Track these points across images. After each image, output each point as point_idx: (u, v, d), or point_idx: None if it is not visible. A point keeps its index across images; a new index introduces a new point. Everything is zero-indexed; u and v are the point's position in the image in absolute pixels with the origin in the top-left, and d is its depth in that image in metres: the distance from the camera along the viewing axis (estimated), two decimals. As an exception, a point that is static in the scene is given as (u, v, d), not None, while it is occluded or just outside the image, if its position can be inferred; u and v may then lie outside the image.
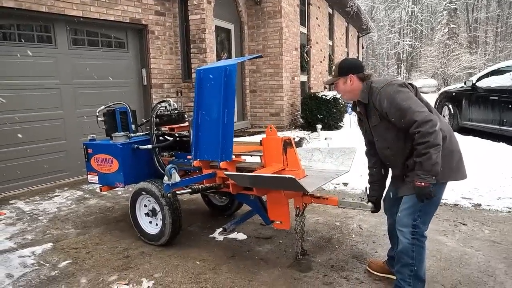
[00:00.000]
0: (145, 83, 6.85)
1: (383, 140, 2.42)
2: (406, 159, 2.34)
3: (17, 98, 5.12)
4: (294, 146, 3.01)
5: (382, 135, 2.41)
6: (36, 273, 2.98)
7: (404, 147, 2.31)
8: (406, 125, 2.18)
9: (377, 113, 2.35)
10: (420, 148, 2.12)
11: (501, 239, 3.38)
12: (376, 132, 2.45)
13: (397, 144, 2.34)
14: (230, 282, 2.78)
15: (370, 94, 2.37)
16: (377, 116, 2.36)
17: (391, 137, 2.35)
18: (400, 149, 2.34)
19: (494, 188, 4.58)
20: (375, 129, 2.44)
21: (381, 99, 2.27)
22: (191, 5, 6.89)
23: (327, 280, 2.77)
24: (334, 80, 2.52)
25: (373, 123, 2.42)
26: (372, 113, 2.40)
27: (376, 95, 2.30)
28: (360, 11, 15.53)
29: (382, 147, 2.46)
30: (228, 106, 3.05)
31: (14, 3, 4.84)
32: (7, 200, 4.84)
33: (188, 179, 3.13)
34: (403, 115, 2.18)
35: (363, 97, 2.41)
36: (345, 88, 2.48)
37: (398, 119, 2.21)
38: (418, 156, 2.15)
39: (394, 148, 2.37)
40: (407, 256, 2.33)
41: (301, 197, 2.95)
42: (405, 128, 2.20)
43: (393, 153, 2.40)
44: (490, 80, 7.42)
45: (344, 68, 2.47)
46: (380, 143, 2.47)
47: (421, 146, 2.12)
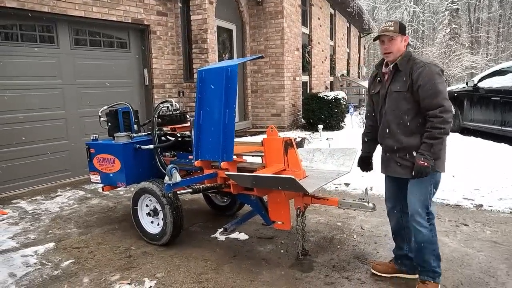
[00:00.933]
0: (147, 83, 6.86)
1: (395, 107, 2.49)
2: (403, 133, 2.47)
3: (20, 98, 5.15)
4: (295, 147, 3.02)
5: (396, 102, 2.48)
6: (39, 273, 3.00)
7: (409, 121, 2.44)
8: (431, 105, 2.30)
9: (407, 82, 2.40)
10: (436, 132, 2.26)
11: (503, 240, 3.38)
12: (391, 98, 2.51)
13: (405, 116, 2.45)
14: (231, 282, 2.79)
15: (407, 62, 2.44)
16: (405, 85, 2.42)
17: (404, 107, 2.45)
18: (404, 121, 2.45)
19: (496, 189, 4.58)
20: (393, 94, 2.49)
21: (423, 72, 2.34)
22: (193, 5, 6.91)
23: (329, 280, 2.78)
24: (395, 35, 2.45)
25: (396, 88, 2.47)
26: (401, 80, 2.45)
27: (419, 67, 2.37)
28: (362, 12, 15.52)
29: (389, 111, 2.53)
30: (229, 106, 3.06)
31: (17, 3, 4.86)
32: (10, 199, 4.86)
33: (189, 179, 3.14)
34: (435, 96, 2.29)
35: (401, 63, 2.46)
36: (399, 46, 2.47)
37: (428, 97, 2.31)
38: (430, 139, 2.28)
39: (400, 117, 2.47)
40: (429, 243, 2.47)
41: (302, 197, 2.96)
42: (427, 107, 2.32)
43: (396, 122, 2.49)
44: (492, 80, 7.41)
45: (403, 27, 2.50)
46: (389, 107, 2.53)
47: (437, 131, 2.26)
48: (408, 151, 2.47)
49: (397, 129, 2.50)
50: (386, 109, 2.56)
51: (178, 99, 7.17)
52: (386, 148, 2.63)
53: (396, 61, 2.47)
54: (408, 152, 2.47)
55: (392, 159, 2.59)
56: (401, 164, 2.53)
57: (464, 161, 5.62)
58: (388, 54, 2.50)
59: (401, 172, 2.54)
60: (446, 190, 4.60)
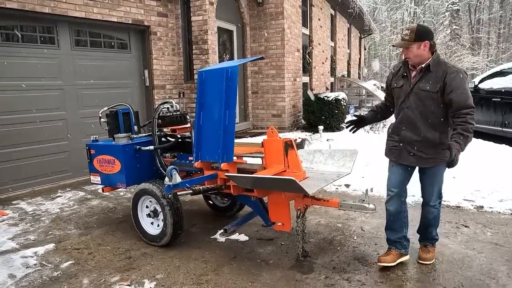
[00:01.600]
0: (147, 84, 6.86)
1: (421, 104, 2.72)
2: (425, 128, 2.73)
3: (20, 99, 5.15)
4: (295, 148, 3.01)
5: (423, 99, 2.71)
6: (39, 274, 2.99)
7: (431, 118, 2.71)
8: (465, 105, 2.56)
9: (439, 84, 2.63)
10: (470, 126, 2.54)
11: (504, 241, 3.37)
12: (418, 95, 2.73)
13: (429, 113, 2.70)
14: (231, 284, 2.78)
15: (440, 66, 2.68)
16: (435, 85, 2.65)
17: (429, 105, 2.69)
18: (428, 117, 2.71)
19: (497, 190, 4.57)
20: (421, 92, 2.71)
21: (456, 77, 2.60)
22: (194, 6, 6.91)
23: (329, 282, 2.77)
24: (409, 45, 2.67)
25: (425, 87, 2.69)
26: (431, 80, 2.67)
27: (453, 72, 2.62)
28: (362, 12, 15.52)
29: (414, 107, 2.76)
30: (229, 107, 3.06)
31: (17, 4, 4.86)
32: (10, 200, 4.86)
33: (189, 180, 3.14)
34: (467, 98, 2.59)
35: (434, 65, 2.68)
36: (417, 53, 2.68)
37: (462, 100, 2.57)
38: (466, 131, 2.53)
39: (424, 114, 2.72)
40: (436, 219, 3.00)
41: (302, 198, 2.96)
42: (459, 107, 2.56)
43: (421, 115, 2.73)
44: (492, 82, 7.41)
45: (424, 33, 2.69)
46: (414, 103, 2.75)
47: (470, 125, 2.54)
48: (425, 144, 2.74)
49: (420, 124, 2.74)
50: (409, 104, 2.78)
51: (179, 100, 7.17)
52: (402, 138, 2.84)
53: (429, 63, 2.69)
54: (425, 144, 2.74)
55: (405, 149, 2.83)
56: (414, 154, 2.79)
57: (465, 163, 5.58)
58: (408, 59, 2.76)
59: (413, 161, 2.82)
60: (446, 192, 4.56)
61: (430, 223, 2.99)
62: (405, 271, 2.90)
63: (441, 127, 2.71)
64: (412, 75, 2.78)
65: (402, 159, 2.86)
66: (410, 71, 2.79)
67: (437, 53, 2.73)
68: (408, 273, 2.86)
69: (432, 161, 2.78)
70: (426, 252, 3.02)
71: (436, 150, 2.74)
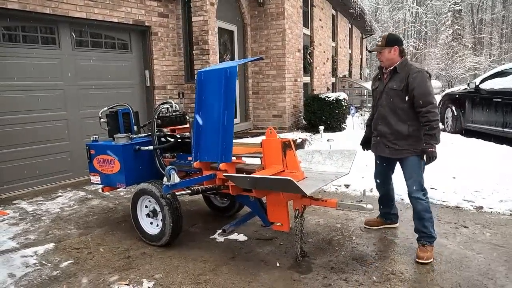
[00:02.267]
0: (148, 85, 6.89)
1: (390, 101, 3.13)
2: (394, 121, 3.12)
3: (21, 99, 5.17)
4: (294, 148, 3.02)
5: (392, 97, 3.12)
6: (38, 273, 3.01)
7: (400, 112, 3.10)
8: (424, 102, 2.94)
9: (403, 82, 3.03)
10: (433, 124, 2.92)
11: (503, 242, 3.37)
12: (388, 94, 3.15)
13: (397, 107, 3.10)
14: (230, 283, 2.79)
15: (404, 67, 3.08)
16: (400, 84, 3.06)
17: (397, 101, 3.10)
18: (396, 112, 3.11)
19: (497, 191, 4.56)
20: (390, 91, 3.13)
21: (418, 77, 2.99)
22: (194, 7, 6.92)
23: (327, 282, 2.78)
24: (382, 49, 3.12)
25: (393, 86, 3.10)
26: (398, 80, 3.08)
27: (415, 72, 3.01)
28: (364, 13, 15.51)
29: (385, 104, 3.18)
30: (228, 108, 3.07)
31: (19, 5, 4.89)
32: (10, 200, 4.89)
33: (187, 180, 3.15)
34: (426, 96, 2.96)
35: (400, 67, 3.09)
36: (388, 57, 3.12)
37: (422, 96, 2.95)
38: (432, 129, 2.93)
39: (394, 108, 3.12)
40: (427, 212, 3.11)
41: (300, 199, 2.96)
42: (419, 103, 2.96)
43: (391, 111, 3.14)
44: (493, 82, 7.39)
45: (394, 40, 3.14)
46: (385, 101, 3.17)
47: (434, 123, 2.92)
48: (397, 136, 3.13)
49: (390, 118, 3.14)
50: (381, 102, 3.21)
51: (179, 100, 7.19)
52: (379, 133, 3.27)
53: (396, 65, 3.10)
54: (396, 136, 3.14)
55: (381, 142, 3.25)
56: (388, 146, 3.20)
57: (465, 163, 5.61)
58: (381, 62, 3.20)
59: (387, 152, 3.22)
60: (446, 192, 4.60)
61: (420, 215, 3.12)
62: (403, 271, 2.90)
63: (409, 120, 3.08)
64: (384, 77, 3.21)
65: (380, 151, 3.30)
66: (384, 74, 3.22)
67: (405, 57, 3.16)
68: (406, 274, 2.86)
69: (405, 152, 3.12)
70: (424, 251, 3.06)
71: (406, 142, 3.10)
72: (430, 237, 3.10)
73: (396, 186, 4.67)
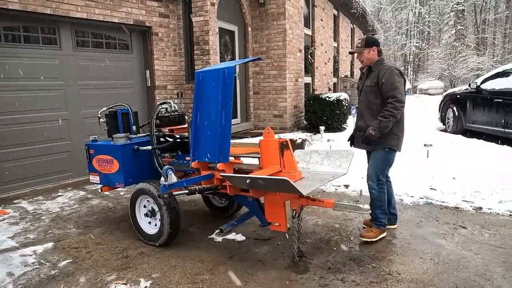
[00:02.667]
0: (148, 85, 6.91)
1: (366, 96, 3.44)
2: (369, 116, 3.36)
3: (22, 99, 5.20)
4: (291, 148, 3.03)
5: (367, 93, 3.41)
6: (36, 272, 3.03)
7: (373, 108, 3.35)
8: (389, 96, 3.21)
9: (375, 79, 3.31)
10: (387, 113, 3.19)
11: (501, 242, 3.36)
12: (364, 91, 3.45)
13: (372, 103, 3.38)
14: (226, 283, 2.80)
15: (378, 66, 3.36)
16: (373, 81, 3.34)
17: (371, 97, 3.38)
18: (371, 107, 3.38)
19: (497, 191, 4.55)
20: (366, 88, 3.42)
21: (386, 74, 3.26)
22: (195, 7, 6.94)
23: (323, 282, 2.78)
24: (362, 50, 3.41)
25: (368, 84, 3.40)
26: (372, 78, 3.36)
27: (385, 69, 3.29)
28: (366, 13, 15.49)
29: (362, 100, 3.50)
30: (226, 108, 3.08)
31: (20, 5, 4.91)
32: (11, 199, 4.91)
33: (185, 180, 3.16)
34: (392, 89, 3.22)
35: (374, 66, 3.39)
36: (368, 56, 3.40)
37: (387, 90, 3.23)
38: (382, 117, 3.20)
39: (369, 104, 3.40)
40: (378, 200, 3.39)
41: (297, 199, 2.96)
42: (385, 97, 3.24)
43: (366, 107, 3.43)
44: (494, 82, 7.37)
45: (371, 41, 3.43)
46: (362, 98, 3.49)
47: (388, 112, 3.19)
48: None
49: (365, 114, 3.43)
50: (360, 99, 3.53)
51: (180, 100, 7.20)
52: (357, 128, 3.54)
53: (371, 64, 3.42)
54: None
55: (360, 136, 3.46)
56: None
57: (466, 163, 5.59)
58: (361, 62, 3.49)
59: (363, 146, 3.46)
60: (446, 193, 4.59)
61: (372, 202, 3.40)
62: (400, 271, 2.90)
63: None
64: (363, 76, 3.52)
65: (358, 145, 3.56)
66: (364, 74, 3.52)
67: (381, 57, 3.43)
68: (403, 274, 2.86)
69: (375, 145, 3.36)
70: (368, 231, 3.42)
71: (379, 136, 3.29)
72: (379, 222, 3.40)
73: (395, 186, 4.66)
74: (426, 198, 4.53)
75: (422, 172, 5.23)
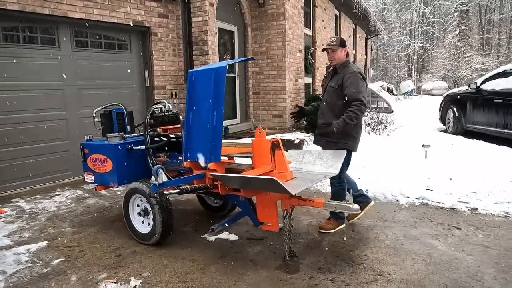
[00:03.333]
0: (147, 85, 6.93)
1: (329, 96, 3.58)
2: (331, 116, 3.51)
3: (21, 99, 5.24)
4: (282, 148, 3.03)
5: (331, 94, 3.56)
6: (29, 270, 3.05)
7: (337, 109, 3.50)
8: (352, 97, 3.37)
9: (339, 82, 3.47)
10: (353, 115, 3.36)
11: (494, 243, 3.34)
12: (328, 91, 3.59)
13: (334, 103, 3.53)
14: (216, 283, 2.80)
15: (343, 69, 3.52)
16: (337, 82, 3.49)
17: (334, 97, 3.52)
18: (333, 107, 3.54)
19: (493, 192, 4.52)
20: (330, 88, 3.56)
21: (351, 77, 3.43)
22: (194, 8, 6.96)
23: (313, 282, 2.78)
24: (336, 48, 3.52)
25: (332, 84, 3.55)
26: (337, 79, 3.51)
27: (349, 72, 3.45)
28: (368, 13, 15.44)
29: (325, 100, 3.63)
30: (217, 108, 3.08)
31: (18, 6, 4.95)
32: (9, 198, 4.95)
33: (176, 179, 3.17)
34: (357, 93, 3.38)
35: (340, 67, 3.55)
36: (339, 56, 3.53)
37: (352, 93, 3.38)
38: (347, 118, 3.35)
39: (331, 104, 3.56)
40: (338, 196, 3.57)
41: (288, 199, 2.96)
42: (350, 99, 3.38)
43: (328, 107, 3.58)
44: (494, 82, 7.32)
45: (343, 42, 3.59)
46: (325, 97, 3.62)
47: (354, 114, 3.37)
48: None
49: (327, 113, 3.57)
50: (323, 98, 3.67)
51: (171, 100, 7.21)
52: (319, 126, 3.66)
53: (336, 66, 3.55)
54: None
55: (321, 135, 3.63)
56: (324, 139, 3.58)
57: (464, 164, 5.57)
58: (332, 61, 3.57)
59: (323, 144, 3.60)
60: (441, 193, 4.57)
61: (332, 196, 3.66)
62: (391, 272, 2.89)
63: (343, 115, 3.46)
64: (328, 76, 3.65)
65: (317, 143, 3.71)
66: (329, 74, 3.65)
67: (346, 59, 3.58)
68: (393, 274, 2.85)
69: (336, 145, 3.47)
70: (327, 223, 3.64)
71: (340, 135, 3.46)
72: (337, 215, 3.61)
73: (391, 187, 4.66)
74: (422, 198, 4.51)
75: (419, 173, 5.21)
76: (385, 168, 5.53)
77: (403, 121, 9.92)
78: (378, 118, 8.44)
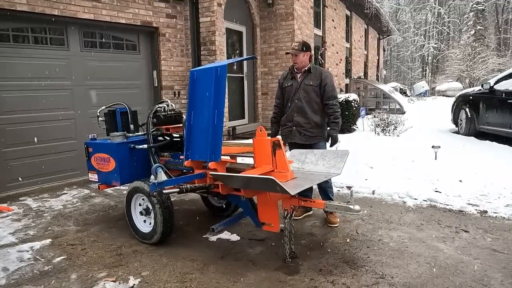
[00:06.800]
0: (155, 85, 6.96)
1: (307, 95, 3.78)
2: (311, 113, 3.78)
3: (31, 99, 5.32)
4: (283, 148, 2.99)
5: (309, 92, 3.78)
6: (30, 268, 3.07)
7: (316, 105, 3.79)
8: (331, 96, 3.74)
9: (319, 80, 3.75)
10: (337, 114, 3.74)
11: (503, 247, 3.23)
12: (305, 89, 3.78)
13: (313, 101, 3.78)
14: (214, 283, 2.77)
15: (316, 69, 3.84)
16: (316, 81, 3.76)
17: (313, 95, 3.78)
18: (312, 104, 3.79)
19: (504, 195, 4.39)
20: (308, 87, 3.77)
21: (328, 76, 3.80)
22: (202, 8, 6.97)
23: (313, 284, 2.73)
24: (298, 53, 3.75)
25: (309, 83, 3.77)
26: (315, 78, 3.76)
27: (325, 72, 3.83)
28: (379, 13, 15.27)
29: (301, 99, 3.79)
30: (218, 107, 3.06)
31: (28, 7, 5.03)
32: (17, 196, 5.02)
33: (175, 178, 3.16)
34: (333, 90, 3.78)
35: (313, 68, 3.82)
36: (302, 59, 3.78)
37: (329, 90, 3.74)
38: (336, 119, 3.74)
39: (310, 102, 3.79)
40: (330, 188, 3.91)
41: (289, 199, 2.92)
42: (327, 96, 3.74)
43: (308, 104, 3.79)
44: (508, 82, 7.13)
45: (307, 47, 3.82)
46: (302, 96, 3.79)
47: (338, 113, 3.75)
48: (312, 125, 3.79)
49: (306, 110, 3.78)
50: (298, 96, 3.80)
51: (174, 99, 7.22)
52: (294, 123, 3.83)
53: (310, 66, 3.81)
54: (312, 125, 3.79)
55: (297, 131, 3.82)
56: (304, 134, 3.81)
57: (475, 166, 5.43)
58: (295, 63, 3.83)
59: (302, 139, 3.81)
60: (450, 195, 4.46)
61: (328, 190, 3.86)
62: (394, 275, 2.82)
63: (320, 112, 3.80)
64: (298, 76, 3.84)
65: (295, 139, 3.82)
66: (296, 74, 3.86)
67: (313, 63, 3.87)
68: (396, 277, 2.78)
69: (317, 138, 3.82)
70: (334, 217, 3.77)
71: (319, 129, 3.80)
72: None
73: (398, 189, 4.58)
74: (430, 200, 4.41)
75: (428, 174, 5.10)
76: (393, 169, 5.43)
77: (415, 122, 9.75)
78: (388, 119, 8.31)
